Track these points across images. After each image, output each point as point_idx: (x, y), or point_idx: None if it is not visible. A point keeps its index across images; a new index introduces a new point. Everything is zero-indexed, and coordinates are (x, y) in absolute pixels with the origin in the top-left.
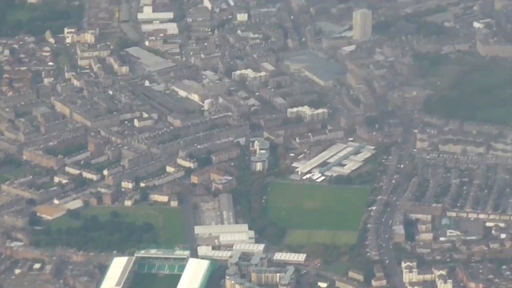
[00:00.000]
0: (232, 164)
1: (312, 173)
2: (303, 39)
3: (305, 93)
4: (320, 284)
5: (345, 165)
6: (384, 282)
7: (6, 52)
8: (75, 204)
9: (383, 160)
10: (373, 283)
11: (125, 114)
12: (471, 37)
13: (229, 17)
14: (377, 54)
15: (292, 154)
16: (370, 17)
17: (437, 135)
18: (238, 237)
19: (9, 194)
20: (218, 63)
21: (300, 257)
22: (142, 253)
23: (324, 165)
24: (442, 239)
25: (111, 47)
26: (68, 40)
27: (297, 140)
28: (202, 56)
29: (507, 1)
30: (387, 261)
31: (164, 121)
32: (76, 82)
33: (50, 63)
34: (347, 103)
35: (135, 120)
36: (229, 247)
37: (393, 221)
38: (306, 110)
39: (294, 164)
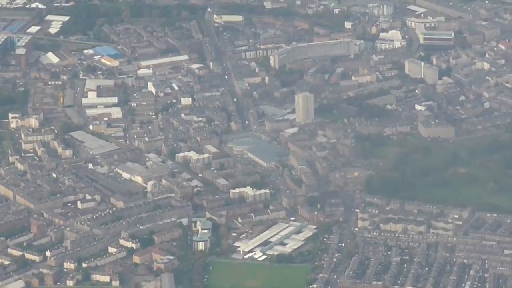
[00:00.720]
0: (174, 244)
1: (254, 252)
2: (246, 122)
3: (247, 174)
4: None
5: (287, 244)
6: None
7: None
8: (17, 285)
9: (325, 239)
10: None
11: (69, 196)
12: (413, 119)
13: (173, 101)
14: (320, 136)
15: (234, 234)
16: (312, 100)
17: (378, 214)
18: None
19: None
20: (162, 146)
21: None
22: None
23: (266, 244)
24: None
25: (56, 131)
26: (12, 125)
27: (239, 220)
28: (146, 139)
29: (448, 85)
30: None
31: (107, 203)
32: (20, 166)
33: None
34: (289, 184)
35: (78, 202)
36: None
37: None
38: (248, 191)
39: (236, 244)
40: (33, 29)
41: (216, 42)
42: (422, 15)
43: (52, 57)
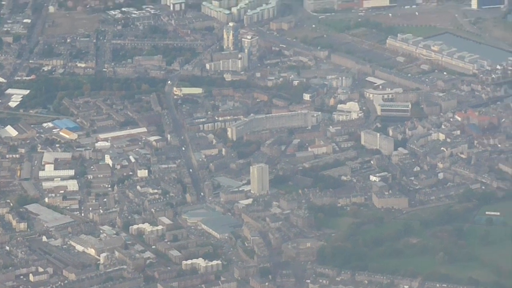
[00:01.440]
0: None
1: None
2: (202, 193)
3: (200, 246)
4: None
5: None
6: None
7: None
8: None
9: None
10: None
11: (21, 269)
12: (367, 190)
13: (130, 173)
14: (274, 207)
15: None
16: (267, 171)
17: (329, 285)
18: None
19: None
20: (116, 218)
21: None
22: None
23: None
24: None
25: (11, 204)
26: None
27: None
28: (101, 211)
29: (403, 155)
30: None
31: (59, 275)
32: None
33: None
34: (241, 255)
35: (30, 275)
36: None
37: None
38: (200, 262)
39: None
40: None
41: (175, 115)
42: (380, 87)
43: (10, 131)
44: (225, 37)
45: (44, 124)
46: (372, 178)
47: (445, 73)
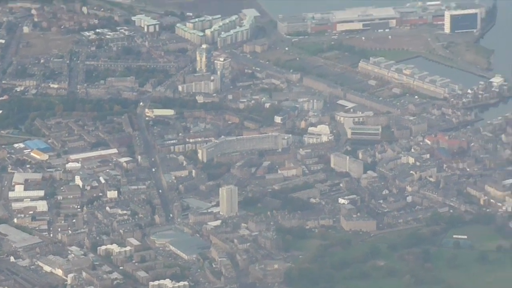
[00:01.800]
0: None
1: None
2: (171, 215)
3: (168, 267)
4: None
5: None
6: None
7: None
8: None
9: None
10: None
11: None
12: (335, 213)
13: (100, 194)
14: (242, 229)
15: None
16: (236, 193)
17: None
18: None
19: None
20: (85, 239)
21: None
22: None
23: None
24: None
25: None
26: None
27: None
28: (70, 232)
29: (372, 179)
30: None
31: None
32: None
33: None
34: (209, 276)
35: None
36: None
37: None
38: (167, 283)
39: None
40: None
41: (146, 136)
42: (351, 110)
43: None
44: (198, 59)
45: (16, 145)
46: (341, 200)
47: (416, 96)
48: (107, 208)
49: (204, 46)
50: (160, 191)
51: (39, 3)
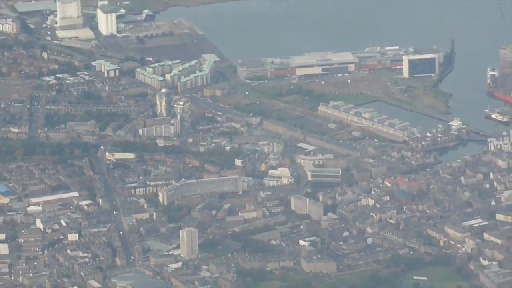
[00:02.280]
0: None
1: None
2: (132, 257)
3: None
4: None
5: None
6: None
7: None
8: None
9: None
10: None
11: None
12: (296, 255)
13: (61, 237)
14: (203, 271)
15: None
16: (197, 235)
17: None
18: None
19: None
20: (46, 282)
21: None
22: None
23: None
24: None
25: None
26: None
27: None
28: (31, 275)
29: (333, 220)
30: None
31: None
32: None
33: None
34: None
35: None
36: None
37: None
38: None
39: None
40: None
41: (107, 179)
42: (311, 153)
43: None
44: (158, 103)
45: None
46: (301, 242)
47: (375, 139)
48: (68, 251)
49: (164, 90)
50: (121, 233)
51: None
